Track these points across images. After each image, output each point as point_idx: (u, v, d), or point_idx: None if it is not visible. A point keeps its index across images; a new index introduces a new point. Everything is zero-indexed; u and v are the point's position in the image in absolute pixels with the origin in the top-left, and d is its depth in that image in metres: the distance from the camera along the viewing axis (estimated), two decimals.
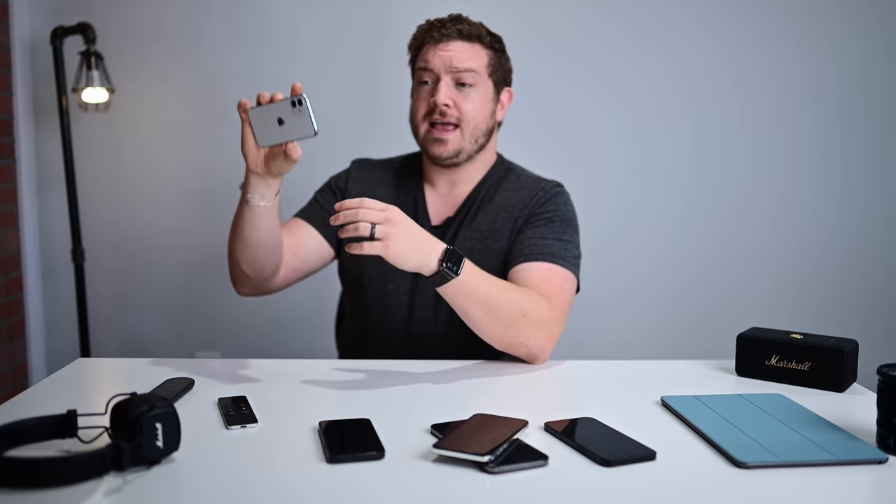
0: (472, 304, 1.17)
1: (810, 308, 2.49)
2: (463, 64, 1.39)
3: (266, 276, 1.36)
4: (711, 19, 2.42)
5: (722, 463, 0.87)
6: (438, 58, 1.40)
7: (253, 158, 1.21)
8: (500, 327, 1.20)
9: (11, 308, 2.39)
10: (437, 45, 1.41)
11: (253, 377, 1.20)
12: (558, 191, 1.45)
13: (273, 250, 1.32)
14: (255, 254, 1.31)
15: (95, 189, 2.46)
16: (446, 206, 1.47)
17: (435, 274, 1.11)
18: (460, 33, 1.41)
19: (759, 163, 2.47)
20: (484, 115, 1.42)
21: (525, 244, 1.36)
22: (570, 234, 1.40)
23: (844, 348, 1.15)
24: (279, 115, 1.14)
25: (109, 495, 0.78)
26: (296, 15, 2.40)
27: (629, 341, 2.49)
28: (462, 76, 1.39)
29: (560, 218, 1.40)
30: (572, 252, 1.37)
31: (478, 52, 1.41)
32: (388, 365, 1.29)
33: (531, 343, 1.24)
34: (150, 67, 2.42)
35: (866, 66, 2.44)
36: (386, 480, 0.83)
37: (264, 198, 1.24)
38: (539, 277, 1.30)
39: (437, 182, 1.48)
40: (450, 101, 1.39)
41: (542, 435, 0.95)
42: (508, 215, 1.42)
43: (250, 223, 1.27)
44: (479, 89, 1.41)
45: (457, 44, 1.40)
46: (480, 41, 1.42)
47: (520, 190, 1.45)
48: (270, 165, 1.20)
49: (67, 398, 1.07)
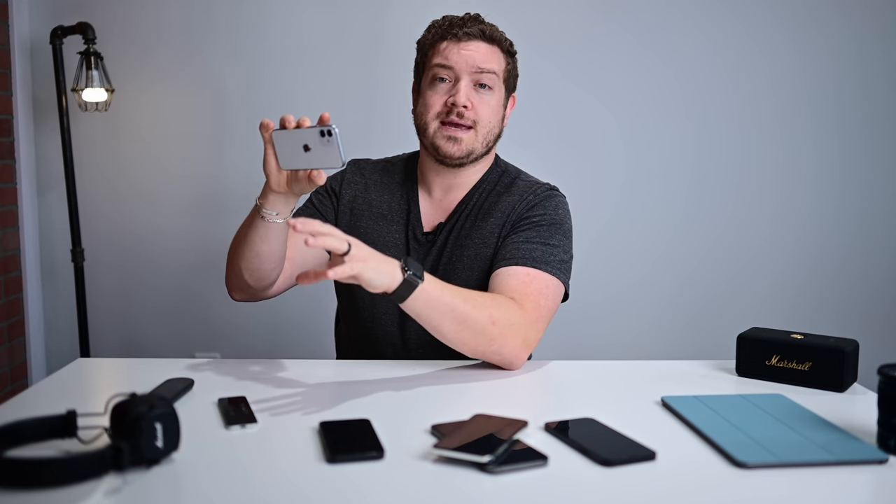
0: (438, 315, 1.15)
1: (809, 308, 2.49)
2: (486, 64, 1.36)
3: (266, 286, 1.36)
4: (710, 21, 2.42)
5: (722, 463, 0.87)
6: (461, 56, 1.36)
7: (275, 179, 1.19)
8: (469, 336, 1.18)
9: (11, 308, 2.38)
10: (459, 44, 1.37)
11: (253, 377, 1.20)
12: (549, 194, 1.42)
13: (279, 262, 1.32)
14: (261, 265, 1.30)
15: (95, 189, 2.46)
16: (439, 212, 1.45)
17: (401, 283, 1.09)
18: (483, 34, 1.37)
19: (758, 163, 2.47)
20: (497, 120, 1.41)
21: (508, 248, 1.33)
22: (559, 239, 1.36)
23: (845, 348, 1.15)
24: (305, 142, 1.11)
25: (109, 495, 0.78)
26: (296, 14, 2.40)
27: (629, 341, 2.49)
28: (483, 77, 1.37)
29: (548, 222, 1.37)
30: (558, 256, 1.34)
31: (498, 56, 1.40)
32: (388, 365, 1.29)
33: (505, 351, 1.21)
34: (150, 67, 2.42)
35: (863, 66, 2.44)
36: (386, 480, 0.83)
37: (281, 214, 1.23)
38: (516, 282, 1.27)
39: (433, 186, 1.45)
40: (469, 103, 1.36)
41: (542, 435, 0.95)
42: (497, 221, 1.39)
43: (263, 237, 1.26)
44: (496, 93, 1.39)
45: (479, 44, 1.37)
46: (500, 45, 1.40)
47: (511, 194, 1.42)
48: (292, 186, 1.19)
49: (67, 398, 1.07)
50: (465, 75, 1.36)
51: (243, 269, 1.31)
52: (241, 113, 2.43)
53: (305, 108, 2.45)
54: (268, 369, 1.24)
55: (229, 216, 2.43)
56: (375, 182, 1.50)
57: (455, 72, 1.37)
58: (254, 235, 1.26)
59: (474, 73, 1.36)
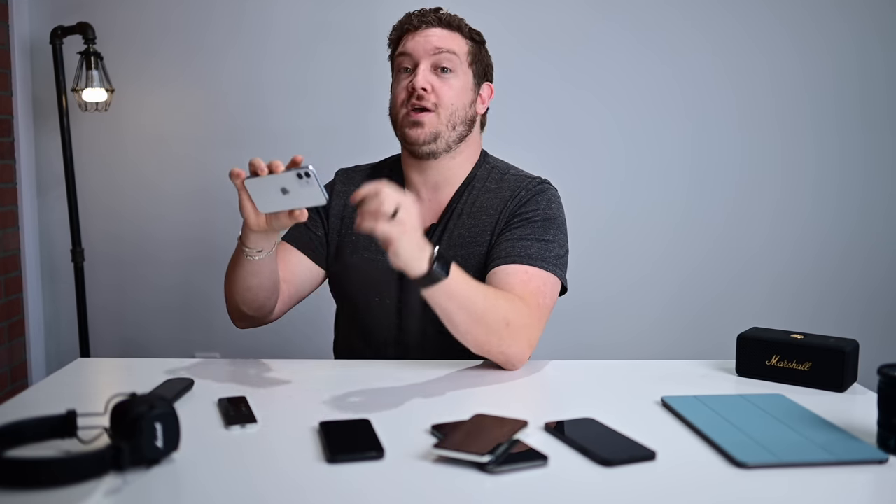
0: (457, 308, 1.14)
1: (809, 308, 2.49)
2: (443, 44, 1.36)
3: (266, 313, 1.37)
4: (710, 20, 2.42)
5: (722, 463, 0.87)
6: (417, 42, 1.37)
7: (254, 222, 1.18)
8: (482, 333, 1.17)
9: (11, 308, 2.39)
10: (416, 32, 1.38)
11: (253, 377, 1.20)
12: (541, 188, 1.39)
13: (274, 289, 1.33)
14: (255, 297, 1.31)
15: (95, 189, 2.46)
16: (429, 214, 1.42)
17: (425, 275, 1.07)
18: (440, 20, 1.38)
19: (758, 163, 2.47)
20: (463, 103, 1.38)
21: (503, 246, 1.32)
22: (553, 234, 1.35)
23: (845, 348, 1.15)
24: (282, 185, 1.09)
25: (109, 495, 0.78)
26: (297, 14, 2.40)
27: (629, 341, 2.49)
28: (441, 59, 1.36)
29: (542, 217, 1.35)
30: (554, 252, 1.33)
31: (458, 39, 1.39)
32: (388, 365, 1.29)
33: (511, 352, 1.21)
34: (149, 67, 2.42)
35: (863, 66, 2.44)
36: (386, 480, 0.83)
37: (264, 251, 1.23)
38: (515, 280, 1.27)
39: (419, 186, 1.43)
40: (428, 86, 1.35)
41: (542, 435, 0.95)
42: (489, 219, 1.38)
43: (251, 273, 1.26)
44: (459, 75, 1.38)
45: (436, 30, 1.38)
46: (460, 31, 1.40)
47: (501, 191, 1.40)
48: (272, 222, 1.18)
49: (67, 398, 1.07)
50: (424, 59, 1.36)
51: (240, 304, 1.33)
52: (241, 113, 2.43)
53: (305, 108, 2.46)
54: (268, 369, 1.24)
55: (229, 217, 2.43)
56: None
57: (413, 58, 1.37)
58: (242, 272, 1.27)
59: (432, 55, 1.36)
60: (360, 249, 1.42)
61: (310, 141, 2.43)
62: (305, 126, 2.43)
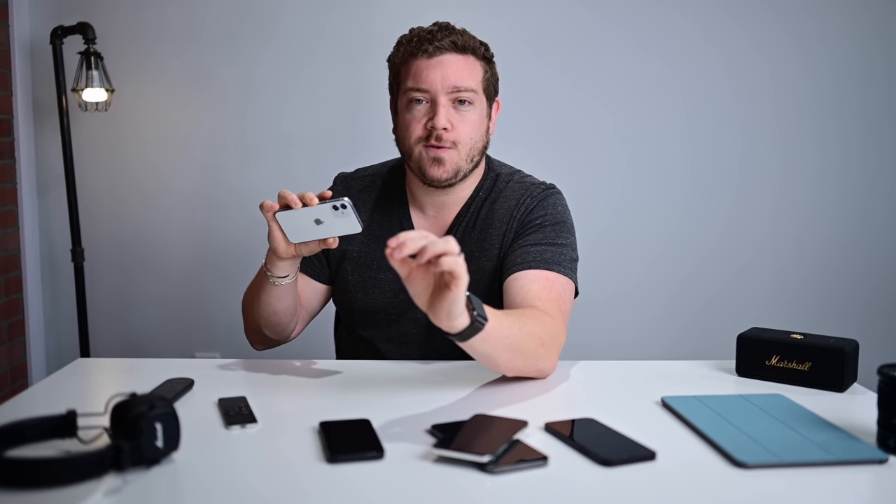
0: (494, 350, 1.08)
1: (809, 308, 2.49)
2: (463, 83, 1.29)
3: (287, 335, 1.39)
4: (710, 22, 2.42)
5: (722, 463, 0.87)
6: (435, 76, 1.28)
7: (283, 251, 1.18)
8: (520, 361, 1.14)
9: (11, 308, 2.39)
10: (430, 60, 1.29)
11: (253, 377, 1.20)
12: (547, 193, 1.38)
13: (295, 311, 1.35)
14: (279, 321, 1.33)
15: (95, 189, 2.46)
16: (435, 231, 1.38)
17: (468, 326, 0.99)
18: (454, 45, 1.30)
19: (758, 163, 2.47)
20: (480, 134, 1.34)
21: (518, 253, 1.31)
22: (565, 237, 1.34)
23: (845, 348, 1.15)
24: (316, 217, 1.11)
25: (109, 495, 0.78)
26: (296, 15, 2.40)
27: (629, 341, 2.49)
28: (461, 95, 1.29)
29: (551, 221, 1.34)
30: (568, 255, 1.32)
31: (473, 66, 1.32)
32: (388, 365, 1.29)
33: (546, 366, 1.19)
34: (149, 67, 2.42)
35: (863, 67, 2.44)
36: (386, 480, 0.83)
37: (290, 276, 1.25)
38: (538, 286, 1.25)
39: (425, 205, 1.40)
40: (448, 125, 1.29)
41: (542, 435, 0.95)
42: (497, 231, 1.36)
43: (277, 297, 1.28)
44: (476, 107, 1.33)
45: (451, 57, 1.29)
46: (474, 53, 1.33)
47: (507, 200, 1.37)
48: (301, 249, 1.19)
49: (67, 398, 1.07)
50: (442, 95, 1.29)
51: (263, 328, 1.34)
52: (241, 113, 2.43)
53: (306, 108, 2.46)
54: (268, 369, 1.24)
55: (230, 216, 2.43)
56: (364, 200, 1.43)
57: (431, 94, 1.29)
58: (267, 297, 1.28)
59: (451, 93, 1.29)
60: (360, 267, 1.41)
61: (308, 142, 2.43)
62: (305, 126, 2.43)
